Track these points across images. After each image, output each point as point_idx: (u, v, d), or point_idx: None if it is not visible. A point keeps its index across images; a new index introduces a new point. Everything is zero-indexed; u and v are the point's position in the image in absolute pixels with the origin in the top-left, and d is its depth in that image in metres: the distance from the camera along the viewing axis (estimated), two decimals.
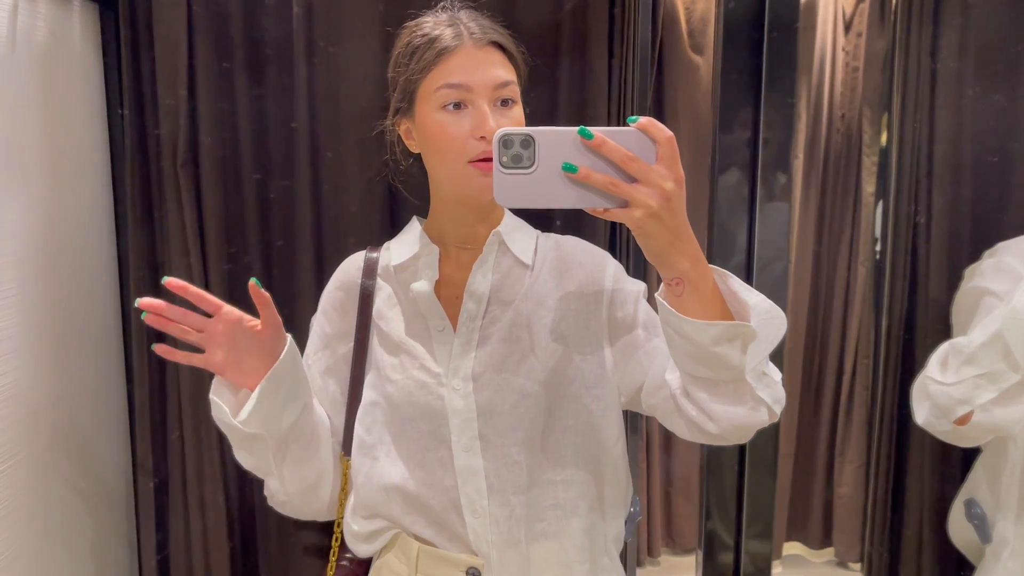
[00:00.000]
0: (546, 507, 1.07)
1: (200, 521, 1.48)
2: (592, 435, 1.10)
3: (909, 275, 1.54)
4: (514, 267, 1.11)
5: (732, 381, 0.93)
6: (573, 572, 1.09)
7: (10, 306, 1.20)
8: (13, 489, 1.22)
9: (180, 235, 1.42)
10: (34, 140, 1.27)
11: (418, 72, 1.02)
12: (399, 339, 1.10)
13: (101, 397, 1.49)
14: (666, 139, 0.83)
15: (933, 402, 1.20)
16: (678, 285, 0.88)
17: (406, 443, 1.08)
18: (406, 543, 1.09)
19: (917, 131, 1.49)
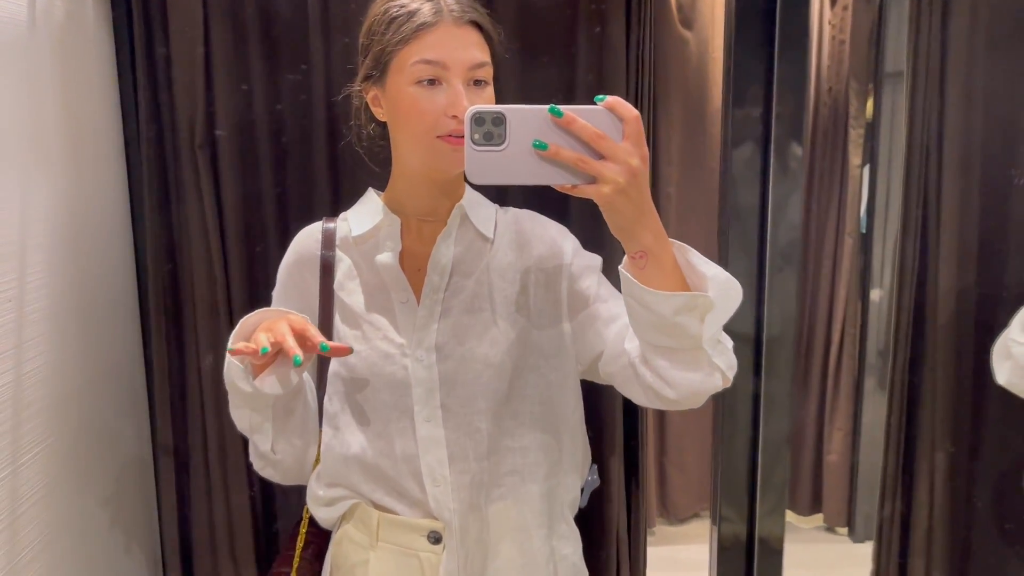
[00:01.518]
0: (503, 473, 1.11)
1: (223, 503, 1.49)
2: (550, 404, 1.14)
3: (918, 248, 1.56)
4: (476, 240, 1.13)
5: (690, 349, 0.97)
6: (531, 536, 1.13)
7: (40, 288, 1.20)
8: (46, 474, 1.22)
9: (199, 217, 1.42)
10: (55, 123, 1.26)
11: (394, 44, 1.02)
12: (361, 311, 1.11)
13: (123, 381, 1.49)
14: (633, 118, 0.85)
15: (1015, 362, 1.26)
16: (641, 258, 0.91)
17: (367, 413, 1.10)
18: (365, 512, 1.12)
19: (928, 100, 1.51)
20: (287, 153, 1.46)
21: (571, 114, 0.84)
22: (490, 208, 1.17)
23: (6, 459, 1.12)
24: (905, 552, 1.65)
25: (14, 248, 1.14)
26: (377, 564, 1.11)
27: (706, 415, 3.08)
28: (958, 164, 1.52)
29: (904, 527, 1.65)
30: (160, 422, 1.48)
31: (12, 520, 1.13)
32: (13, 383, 1.13)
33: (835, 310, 3.00)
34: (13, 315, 1.13)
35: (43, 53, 1.22)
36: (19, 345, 1.15)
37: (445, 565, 1.09)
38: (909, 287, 1.58)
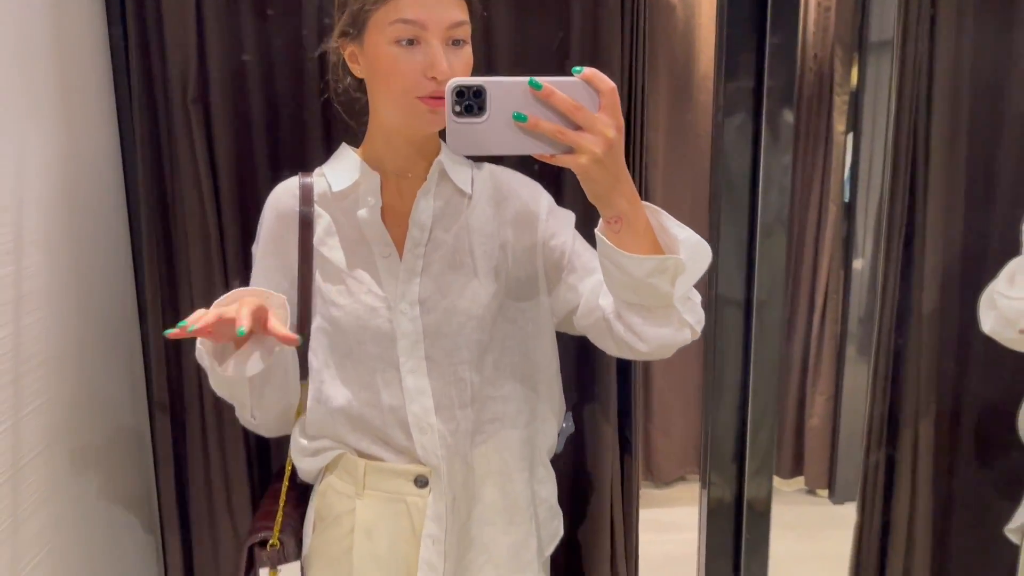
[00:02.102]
0: (486, 420, 1.16)
1: (219, 458, 1.50)
2: (528, 355, 1.19)
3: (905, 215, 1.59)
4: (454, 195, 1.16)
5: (662, 307, 1.03)
6: (513, 479, 1.18)
7: (37, 243, 1.20)
8: (47, 426, 1.23)
9: (192, 171, 1.41)
10: (48, 76, 1.25)
11: (372, 2, 1.03)
12: (343, 266, 1.13)
13: (119, 337, 1.49)
14: (609, 89, 0.89)
15: (999, 313, 1.32)
16: (616, 223, 0.96)
17: (352, 366, 1.13)
18: (350, 462, 1.15)
19: (917, 67, 1.52)
20: (279, 107, 1.46)
21: (549, 86, 0.88)
22: (467, 164, 1.19)
23: (8, 410, 1.12)
24: (888, 512, 1.69)
25: (11, 201, 1.14)
26: (364, 511, 1.15)
27: (692, 382, 3.13)
28: (946, 131, 1.54)
29: (887, 488, 1.69)
30: (156, 377, 1.48)
31: (15, 471, 1.14)
32: (13, 335, 1.14)
33: (818, 277, 3.04)
34: (12, 268, 1.13)
35: (33, 7, 1.21)
36: (18, 298, 1.15)
37: (432, 508, 1.13)
38: (896, 253, 1.61)
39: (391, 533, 1.14)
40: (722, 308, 1.66)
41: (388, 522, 1.14)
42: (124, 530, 1.50)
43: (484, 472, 1.17)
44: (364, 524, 1.15)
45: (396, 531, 1.14)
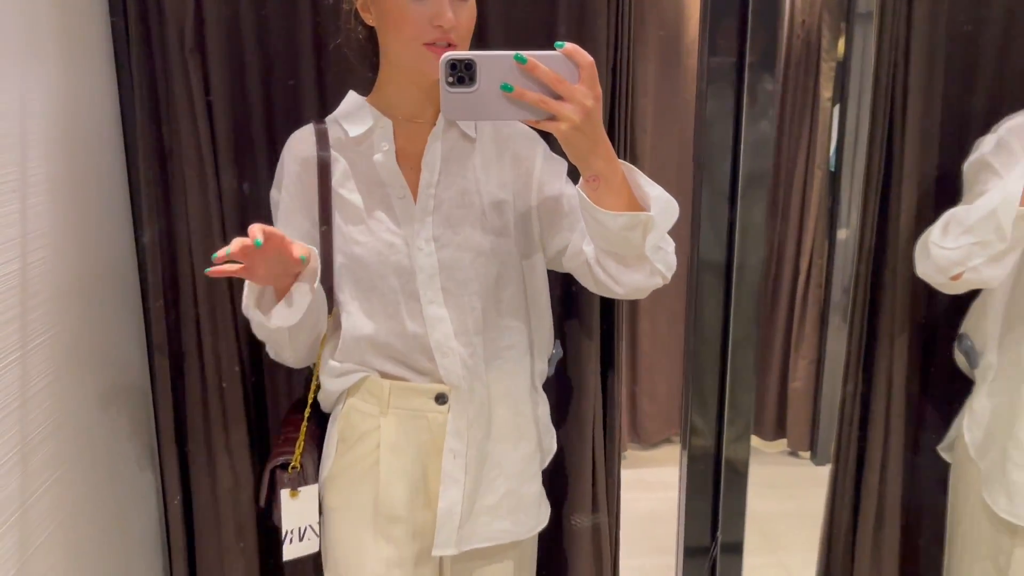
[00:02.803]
0: (504, 347, 1.28)
1: (218, 398, 1.55)
2: (527, 288, 1.31)
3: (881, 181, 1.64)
4: (460, 140, 1.25)
5: (635, 256, 1.14)
6: (522, 400, 1.32)
7: (40, 183, 1.23)
8: (53, 361, 1.27)
9: (189, 116, 1.45)
10: (48, 19, 1.28)
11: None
12: (361, 206, 1.23)
13: (118, 279, 1.53)
14: (587, 63, 0.99)
15: (933, 261, 1.41)
16: (595, 181, 1.07)
17: (377, 298, 1.22)
18: (375, 384, 1.25)
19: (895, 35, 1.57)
20: (273, 55, 1.50)
21: (533, 60, 0.98)
22: None
23: (16, 343, 1.17)
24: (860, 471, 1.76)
25: (15, 140, 1.17)
26: (388, 428, 1.25)
27: (677, 345, 3.18)
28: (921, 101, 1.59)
29: (860, 448, 1.76)
30: (154, 320, 1.53)
31: (23, 402, 1.18)
32: (19, 271, 1.18)
33: (803, 243, 3.08)
34: (17, 206, 1.17)
35: None
36: (23, 236, 1.19)
37: (452, 424, 1.23)
38: (871, 221, 1.66)
39: (414, 447, 1.25)
40: (703, 271, 1.71)
41: (411, 437, 1.25)
42: (125, 463, 1.55)
43: (498, 393, 1.28)
44: (389, 440, 1.25)
45: (419, 445, 1.25)
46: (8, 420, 1.15)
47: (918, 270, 1.50)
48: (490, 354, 1.26)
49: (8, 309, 1.15)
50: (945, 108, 1.63)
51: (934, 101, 1.61)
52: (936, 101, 1.61)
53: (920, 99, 1.59)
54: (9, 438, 1.15)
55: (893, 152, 1.63)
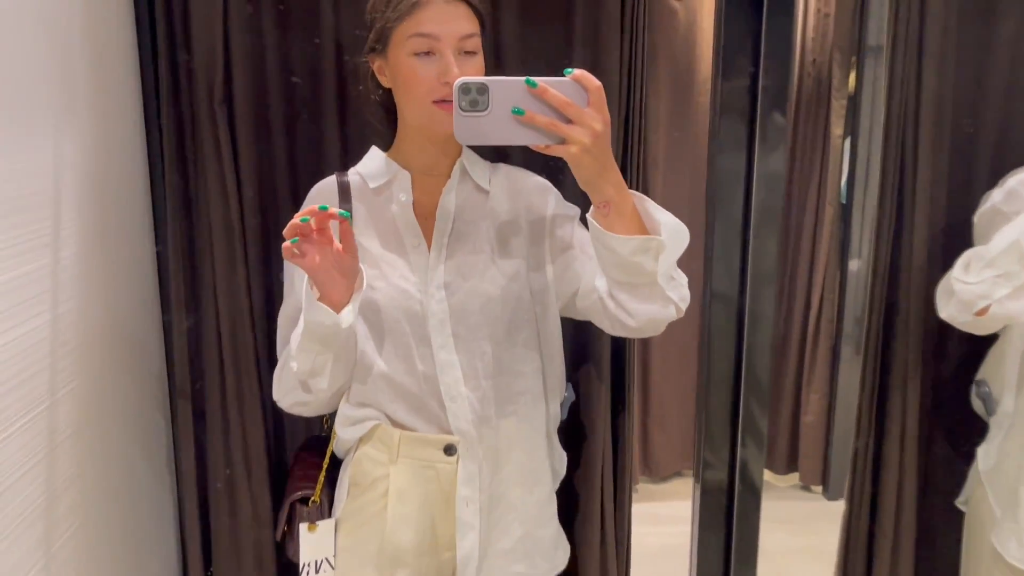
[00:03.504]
0: (516, 392, 1.29)
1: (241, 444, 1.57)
2: (540, 332, 1.32)
3: (894, 215, 1.65)
4: (474, 191, 1.30)
5: (647, 284, 1.15)
6: (538, 445, 1.34)
7: (71, 236, 1.27)
8: (79, 409, 1.30)
9: (216, 168, 1.48)
10: (83, 76, 1.32)
11: (393, 20, 1.16)
12: (378, 253, 1.26)
13: (143, 326, 1.56)
14: (596, 88, 1.02)
15: (958, 298, 1.41)
16: (605, 207, 1.09)
17: (390, 342, 1.25)
18: (385, 433, 1.28)
19: (905, 73, 1.59)
20: (298, 109, 1.54)
21: (544, 84, 1.00)
22: (485, 164, 1.33)
23: (44, 393, 1.19)
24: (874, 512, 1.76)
25: (49, 196, 1.21)
26: (397, 476, 1.27)
27: (689, 377, 3.18)
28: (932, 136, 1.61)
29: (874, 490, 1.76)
30: (177, 366, 1.55)
31: (51, 450, 1.21)
32: (50, 323, 1.21)
33: (815, 276, 3.09)
34: (49, 259, 1.20)
35: (72, 9, 1.28)
36: (54, 288, 1.22)
37: (462, 472, 1.26)
38: (885, 254, 1.67)
39: (421, 496, 1.27)
40: (716, 303, 1.72)
41: (419, 486, 1.27)
42: (145, 508, 1.57)
43: (512, 439, 1.30)
44: (397, 488, 1.27)
45: (426, 494, 1.27)
46: (36, 469, 1.18)
47: (941, 313, 1.50)
48: (502, 399, 1.28)
49: (39, 360, 1.18)
50: (956, 139, 1.65)
51: (945, 133, 1.63)
52: (946, 132, 1.63)
53: (931, 130, 1.61)
54: (36, 487, 1.18)
55: (905, 185, 1.64)
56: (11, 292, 1.11)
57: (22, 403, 1.14)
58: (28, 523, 1.15)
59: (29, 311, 1.15)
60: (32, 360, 1.17)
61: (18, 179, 1.13)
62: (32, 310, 1.16)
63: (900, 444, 1.70)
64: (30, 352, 1.16)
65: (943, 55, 1.58)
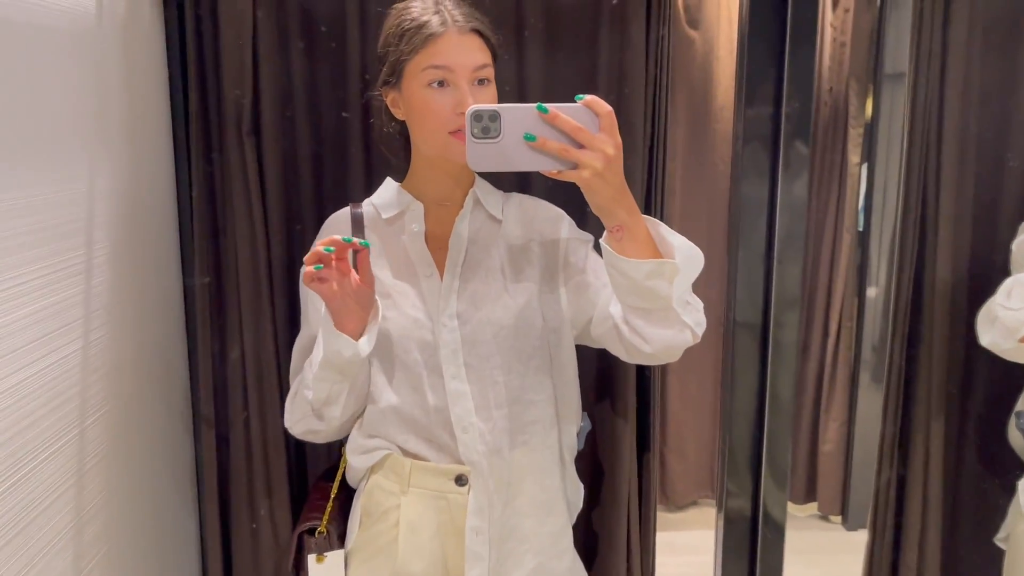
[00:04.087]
0: (528, 422, 1.28)
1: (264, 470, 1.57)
2: (553, 361, 1.31)
3: (917, 243, 1.65)
4: (487, 221, 1.31)
5: (662, 309, 1.14)
6: (551, 475, 1.32)
7: (102, 264, 1.28)
8: (107, 435, 1.31)
9: (244, 198, 1.50)
10: (117, 109, 1.35)
11: (407, 53, 1.18)
12: (391, 283, 1.27)
13: (170, 353, 1.58)
14: (607, 113, 1.02)
15: (1001, 324, 1.41)
16: (618, 232, 1.08)
17: (401, 371, 1.25)
18: (396, 462, 1.27)
19: (928, 100, 1.60)
20: (324, 140, 1.56)
21: (555, 110, 1.01)
22: (498, 193, 1.34)
23: (75, 420, 1.21)
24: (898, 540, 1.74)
25: (82, 224, 1.22)
26: (408, 507, 1.26)
27: (707, 405, 3.17)
28: (955, 163, 1.62)
29: (898, 516, 1.74)
30: (202, 393, 1.56)
31: (79, 477, 1.22)
32: (81, 350, 1.22)
33: (832, 304, 3.08)
34: (81, 287, 1.22)
35: (107, 43, 1.31)
36: (87, 315, 1.23)
37: (473, 502, 1.24)
38: (907, 281, 1.67)
39: (433, 526, 1.26)
40: (739, 332, 1.72)
41: (431, 517, 1.26)
42: (170, 536, 1.58)
43: (524, 469, 1.28)
44: (408, 518, 1.26)
45: (437, 525, 1.26)
46: (66, 496, 1.18)
47: (983, 340, 1.48)
48: (514, 428, 1.27)
49: (70, 387, 1.19)
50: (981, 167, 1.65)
51: (969, 160, 1.63)
52: (971, 160, 1.63)
53: (954, 158, 1.61)
54: (65, 514, 1.18)
55: (927, 213, 1.65)
56: (45, 320, 1.13)
57: (54, 429, 1.15)
58: (57, 551, 1.16)
59: (63, 338, 1.17)
60: (64, 387, 1.18)
61: (53, 209, 1.15)
62: (65, 337, 1.18)
63: (924, 475, 1.69)
64: (63, 379, 1.17)
65: (966, 82, 1.59)
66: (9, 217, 1.04)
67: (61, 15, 1.17)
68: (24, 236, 1.08)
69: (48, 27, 1.13)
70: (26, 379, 1.08)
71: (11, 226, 1.05)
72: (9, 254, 1.04)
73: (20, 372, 1.07)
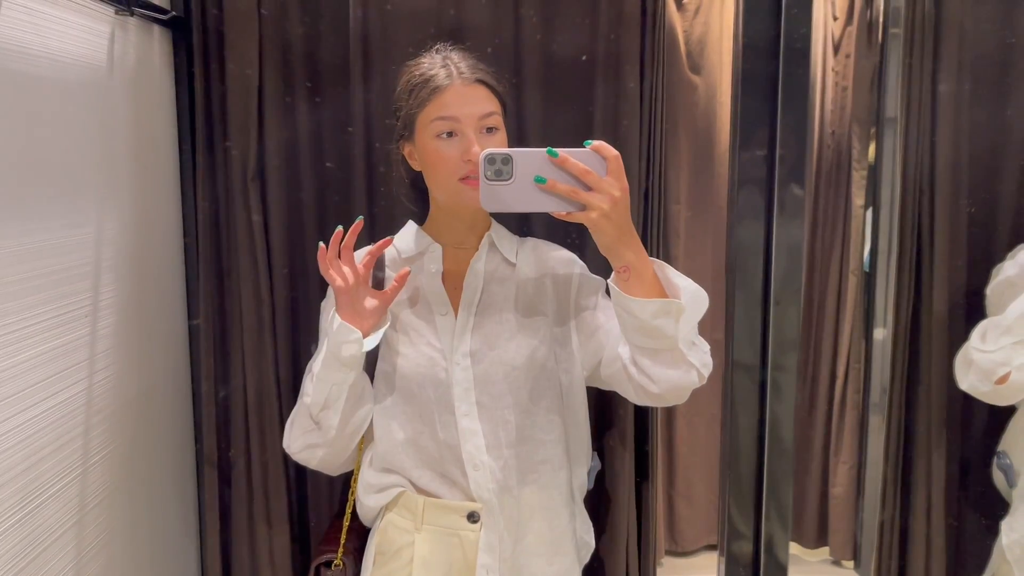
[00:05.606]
0: (538, 461, 1.30)
1: (264, 511, 1.58)
2: (564, 401, 1.33)
3: (913, 285, 1.66)
4: (502, 263, 1.34)
5: (668, 349, 1.17)
6: (559, 515, 1.32)
7: (108, 307, 1.31)
8: (110, 476, 1.33)
9: (248, 242, 1.54)
10: (125, 156, 1.39)
11: (416, 107, 1.23)
12: (407, 320, 1.31)
13: (171, 391, 1.60)
14: (614, 157, 1.07)
15: (977, 367, 1.42)
16: (625, 272, 1.12)
17: (414, 407, 1.28)
18: (410, 500, 1.29)
19: (920, 144, 1.62)
20: (328, 185, 1.60)
21: (564, 155, 1.06)
22: (513, 238, 1.38)
23: (77, 461, 1.23)
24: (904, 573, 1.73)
25: (90, 269, 1.26)
26: (422, 544, 1.27)
27: (715, 449, 3.15)
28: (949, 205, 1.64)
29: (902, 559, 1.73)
30: (205, 434, 1.58)
31: (80, 517, 1.24)
32: (85, 391, 1.24)
33: (839, 346, 3.07)
34: (87, 330, 1.25)
35: (118, 94, 1.36)
36: (91, 358, 1.26)
37: (484, 540, 1.26)
38: (905, 323, 1.68)
39: (446, 564, 1.27)
40: (738, 373, 1.73)
41: (443, 554, 1.27)
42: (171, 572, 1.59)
43: (533, 507, 1.30)
44: (422, 556, 1.27)
45: (450, 562, 1.27)
46: (68, 535, 1.20)
47: (961, 384, 1.50)
48: (524, 468, 1.28)
49: (74, 427, 1.22)
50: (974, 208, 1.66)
51: (961, 202, 1.65)
52: (963, 201, 1.65)
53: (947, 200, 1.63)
54: (67, 553, 1.20)
55: (923, 254, 1.66)
56: (52, 361, 1.15)
57: (56, 470, 1.17)
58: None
59: (68, 379, 1.20)
60: (68, 427, 1.20)
61: (61, 254, 1.18)
62: (70, 379, 1.20)
63: (927, 517, 1.68)
64: (67, 419, 1.20)
65: (957, 125, 1.62)
66: (18, 261, 1.08)
67: (73, 66, 1.22)
68: (32, 280, 1.11)
69: (60, 79, 1.18)
70: (31, 419, 1.11)
71: (20, 270, 1.08)
72: (17, 297, 1.08)
73: (26, 412, 1.09)
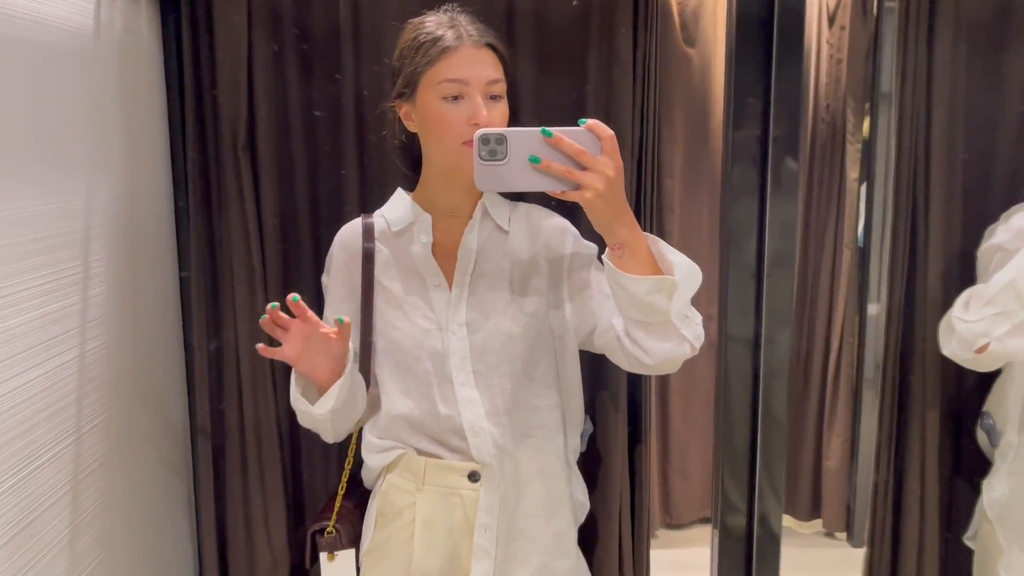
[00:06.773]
0: (534, 426, 1.31)
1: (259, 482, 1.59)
2: (558, 367, 1.35)
3: (908, 260, 1.66)
4: (495, 231, 1.33)
5: (661, 323, 1.18)
6: (556, 478, 1.35)
7: (100, 275, 1.32)
8: (104, 444, 1.33)
9: (239, 212, 1.53)
10: (114, 124, 1.38)
11: (423, 65, 1.21)
12: (400, 294, 1.30)
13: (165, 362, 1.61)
14: (608, 136, 1.07)
15: (958, 336, 1.44)
16: (619, 249, 1.13)
17: (412, 380, 1.29)
18: (411, 461, 1.31)
19: (916, 118, 1.62)
20: (320, 155, 1.59)
21: (559, 134, 1.06)
22: (505, 204, 1.36)
23: (71, 428, 1.23)
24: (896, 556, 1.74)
25: (79, 237, 1.26)
26: (424, 504, 1.29)
27: (709, 422, 3.17)
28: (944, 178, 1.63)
29: (895, 532, 1.74)
30: (198, 404, 1.58)
31: (75, 484, 1.24)
32: (78, 359, 1.25)
33: (834, 320, 3.09)
34: (78, 297, 1.25)
35: (105, 60, 1.35)
36: (83, 325, 1.26)
37: (484, 500, 1.28)
38: (899, 295, 1.69)
39: (447, 523, 1.29)
40: (731, 349, 1.73)
41: (445, 514, 1.29)
42: (166, 545, 1.59)
43: (531, 471, 1.32)
44: (424, 516, 1.29)
45: (452, 522, 1.29)
46: (62, 502, 1.21)
47: (944, 350, 1.52)
48: (521, 433, 1.30)
49: (67, 395, 1.22)
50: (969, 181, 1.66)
51: (956, 175, 1.65)
52: (958, 174, 1.65)
53: (943, 173, 1.62)
54: (62, 520, 1.20)
55: (918, 227, 1.66)
56: (43, 328, 1.16)
57: (51, 435, 1.18)
58: (53, 555, 1.18)
59: (60, 346, 1.20)
60: (62, 394, 1.20)
61: (51, 221, 1.18)
62: (62, 346, 1.21)
63: (921, 482, 1.69)
64: (60, 386, 1.20)
65: (953, 99, 1.61)
66: (9, 227, 1.08)
67: (60, 32, 1.21)
68: (24, 246, 1.11)
69: (47, 44, 1.17)
70: (24, 384, 1.11)
71: (10, 235, 1.08)
72: (8, 263, 1.08)
73: (18, 377, 1.10)
